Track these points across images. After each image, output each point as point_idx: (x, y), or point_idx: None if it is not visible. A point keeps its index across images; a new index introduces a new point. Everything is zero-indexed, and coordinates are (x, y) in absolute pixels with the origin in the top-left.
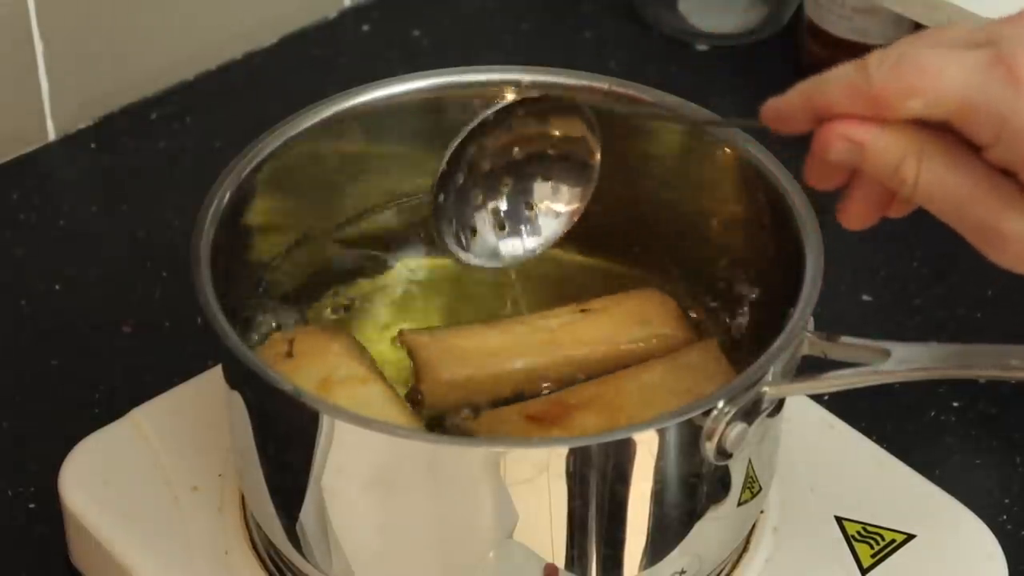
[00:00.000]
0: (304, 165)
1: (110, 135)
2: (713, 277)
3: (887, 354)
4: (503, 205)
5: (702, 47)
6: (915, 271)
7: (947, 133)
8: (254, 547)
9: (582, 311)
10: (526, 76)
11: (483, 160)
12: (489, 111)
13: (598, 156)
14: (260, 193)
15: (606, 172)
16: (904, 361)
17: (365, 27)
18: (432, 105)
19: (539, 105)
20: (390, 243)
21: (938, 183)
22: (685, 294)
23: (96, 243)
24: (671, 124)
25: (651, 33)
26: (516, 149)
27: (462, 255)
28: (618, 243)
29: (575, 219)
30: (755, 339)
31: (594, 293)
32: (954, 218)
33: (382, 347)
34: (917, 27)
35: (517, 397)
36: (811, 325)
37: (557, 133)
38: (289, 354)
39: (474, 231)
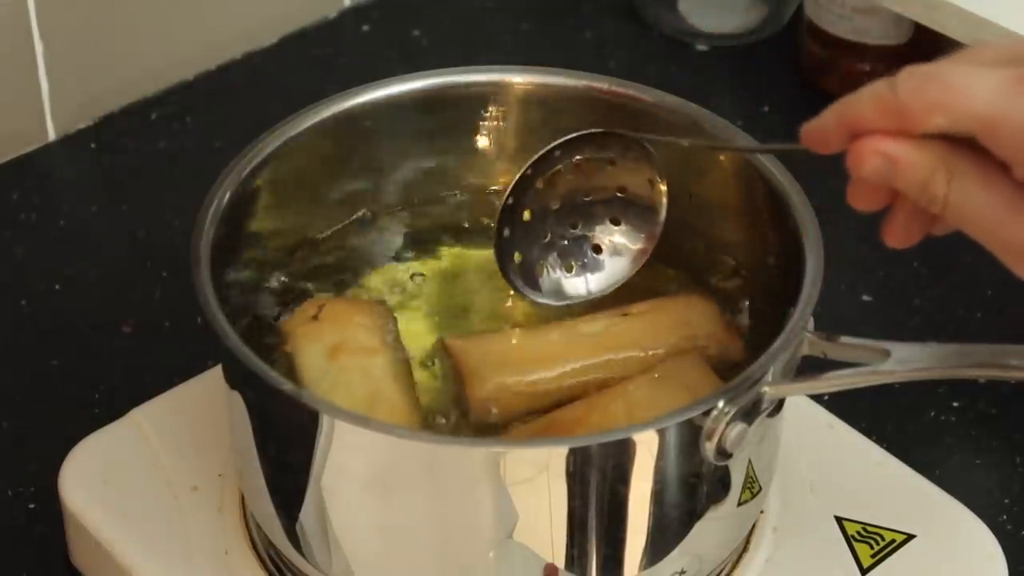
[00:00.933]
0: (304, 165)
1: (110, 135)
2: (712, 276)
3: (887, 354)
4: (569, 242)
5: (702, 47)
6: (915, 271)
7: (978, 151)
8: (254, 547)
9: (623, 315)
10: (526, 76)
11: (549, 196)
12: (553, 143)
13: (664, 201)
14: (260, 193)
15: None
16: (904, 361)
17: (365, 27)
18: (432, 105)
19: (606, 141)
20: (389, 242)
21: (968, 201)
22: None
23: (96, 243)
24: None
25: (651, 33)
26: (582, 186)
27: (528, 292)
28: None
29: (643, 260)
30: (755, 339)
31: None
32: (984, 236)
33: None
34: (917, 27)
35: (556, 403)
36: (811, 325)
37: (624, 172)
38: (315, 318)
39: (540, 267)
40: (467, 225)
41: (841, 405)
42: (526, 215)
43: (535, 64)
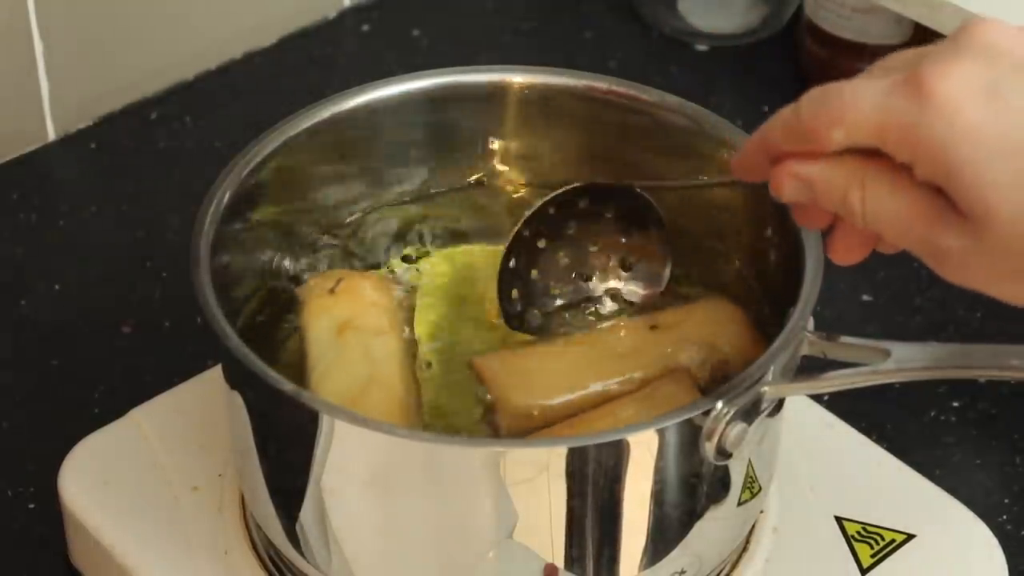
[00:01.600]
0: (303, 165)
1: (110, 135)
2: (712, 276)
3: (887, 354)
4: (570, 282)
5: (702, 47)
6: (915, 271)
7: (887, 160)
8: (254, 547)
9: (652, 328)
10: (526, 76)
11: (552, 253)
12: (544, 200)
13: (668, 270)
14: (260, 193)
15: (606, 167)
16: (904, 361)
17: (365, 27)
18: (432, 105)
19: (600, 191)
20: (389, 242)
21: (882, 208)
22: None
23: (96, 243)
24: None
25: (651, 33)
26: (585, 238)
27: (516, 323)
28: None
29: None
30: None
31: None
32: (903, 240)
33: None
34: (917, 27)
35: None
36: (811, 325)
37: (624, 221)
38: (332, 291)
39: (538, 302)
40: (467, 225)
41: (841, 405)
42: (533, 273)
43: (535, 64)
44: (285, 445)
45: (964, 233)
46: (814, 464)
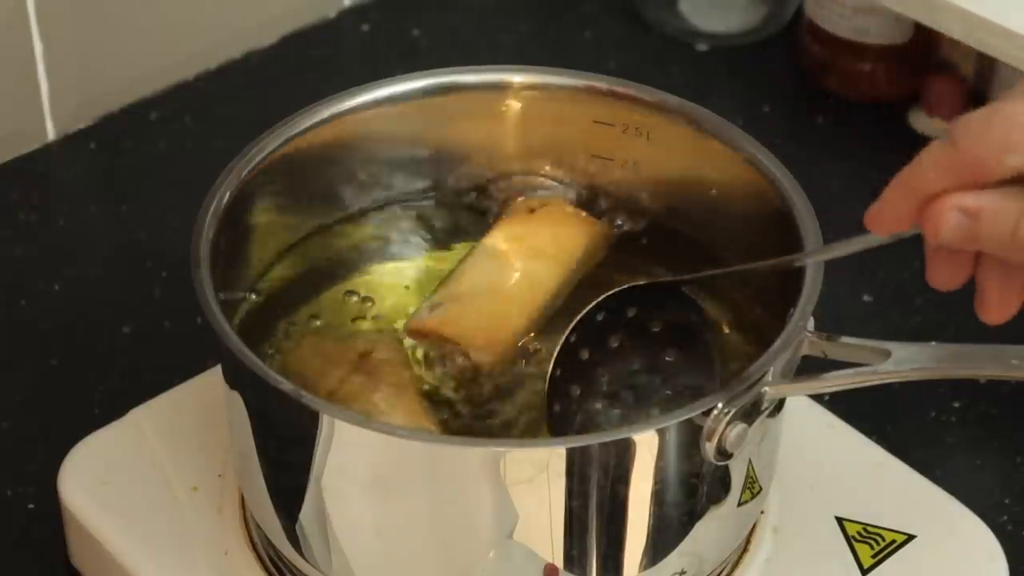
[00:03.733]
0: (304, 165)
1: (110, 135)
2: (712, 276)
3: (887, 354)
4: (616, 396)
5: (702, 47)
6: (915, 271)
7: None
8: (254, 547)
9: (531, 213)
10: (526, 76)
11: (597, 369)
12: (591, 305)
13: (719, 356)
14: (260, 193)
15: (605, 166)
16: (904, 361)
17: (365, 27)
18: (432, 105)
19: (646, 294)
20: (389, 242)
21: None
22: (685, 293)
23: (96, 243)
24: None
25: (651, 33)
26: (630, 350)
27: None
28: (617, 239)
29: None
30: (755, 339)
31: (586, 288)
32: None
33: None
34: (917, 27)
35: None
36: (811, 325)
37: (681, 342)
38: (532, 211)
39: (586, 416)
40: (465, 224)
41: (841, 405)
42: (583, 358)
43: (535, 64)
44: (285, 445)
45: None
46: (814, 464)
